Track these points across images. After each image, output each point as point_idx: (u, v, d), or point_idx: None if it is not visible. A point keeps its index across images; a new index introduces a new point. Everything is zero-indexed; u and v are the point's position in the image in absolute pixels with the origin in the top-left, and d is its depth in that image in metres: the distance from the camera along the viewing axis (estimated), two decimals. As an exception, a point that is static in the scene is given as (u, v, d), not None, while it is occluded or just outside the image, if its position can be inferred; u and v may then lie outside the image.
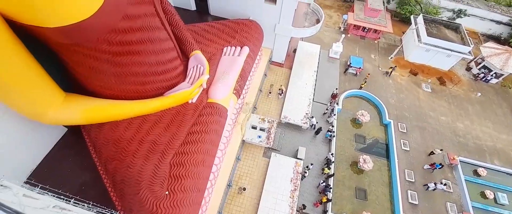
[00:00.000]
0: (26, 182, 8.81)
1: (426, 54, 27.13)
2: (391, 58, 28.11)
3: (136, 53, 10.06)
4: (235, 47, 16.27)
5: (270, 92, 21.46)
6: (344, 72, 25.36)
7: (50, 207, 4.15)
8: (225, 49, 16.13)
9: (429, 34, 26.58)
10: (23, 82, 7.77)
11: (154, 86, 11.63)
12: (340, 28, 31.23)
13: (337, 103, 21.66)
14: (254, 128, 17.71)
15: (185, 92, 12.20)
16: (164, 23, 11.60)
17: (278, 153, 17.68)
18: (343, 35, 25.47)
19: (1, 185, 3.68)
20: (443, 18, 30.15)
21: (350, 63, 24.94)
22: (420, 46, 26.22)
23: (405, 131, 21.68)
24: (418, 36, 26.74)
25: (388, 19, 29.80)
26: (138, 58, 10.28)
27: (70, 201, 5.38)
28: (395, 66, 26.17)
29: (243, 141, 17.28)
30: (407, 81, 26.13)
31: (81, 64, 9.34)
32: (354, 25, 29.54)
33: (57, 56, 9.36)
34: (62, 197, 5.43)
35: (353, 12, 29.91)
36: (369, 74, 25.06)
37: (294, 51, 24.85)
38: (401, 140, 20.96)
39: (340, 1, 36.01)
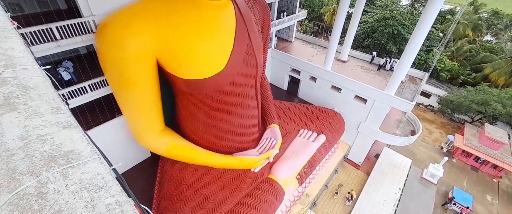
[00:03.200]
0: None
1: None
2: (523, 211, 20.87)
3: (227, 112, 12.06)
4: (312, 133, 16.67)
5: (336, 193, 19.26)
6: (443, 205, 20.34)
7: None
8: (301, 131, 16.77)
9: None
10: (146, 110, 10.48)
11: (228, 144, 12.93)
12: (441, 148, 27.22)
13: (427, 244, 16.67)
14: (306, 227, 15.51)
15: (251, 159, 12.79)
16: (257, 94, 13.76)
17: None
18: (446, 158, 21.81)
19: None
20: None
21: (453, 197, 20.03)
22: None
23: None
24: None
25: (518, 157, 23.91)
26: (226, 117, 12.20)
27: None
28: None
29: (290, 238, 15.12)
30: (557, 259, 17.80)
31: (186, 108, 11.90)
32: (463, 151, 25.12)
33: (174, 97, 12.40)
34: None
35: (462, 135, 26.10)
36: (483, 221, 18.99)
37: (376, 156, 22.75)
38: None
39: (445, 119, 32.70)
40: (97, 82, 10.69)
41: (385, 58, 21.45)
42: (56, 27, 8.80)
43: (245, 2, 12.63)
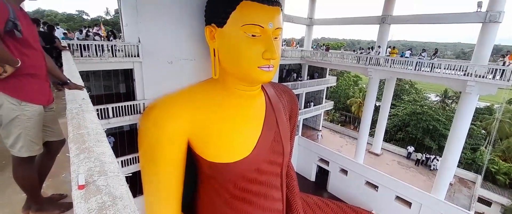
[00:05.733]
0: None
1: None
2: None
3: (248, 202, 11.34)
4: (347, 239, 14.31)
5: None
6: None
7: None
8: (333, 235, 14.56)
9: None
10: (168, 188, 10.23)
11: (244, 242, 11.55)
12: None
13: None
14: None
15: None
16: (282, 185, 13.00)
17: None
18: None
19: None
20: None
21: None
22: None
23: None
24: None
25: None
26: (247, 208, 11.33)
27: None
28: None
29: None
30: None
31: (206, 194, 11.46)
32: None
33: (195, 184, 12.45)
34: None
35: None
36: None
37: None
38: None
39: (520, 238, 26.28)
40: (128, 159, 11.41)
41: (424, 154, 20.23)
42: (112, 108, 10.42)
43: (275, 92, 14.21)
